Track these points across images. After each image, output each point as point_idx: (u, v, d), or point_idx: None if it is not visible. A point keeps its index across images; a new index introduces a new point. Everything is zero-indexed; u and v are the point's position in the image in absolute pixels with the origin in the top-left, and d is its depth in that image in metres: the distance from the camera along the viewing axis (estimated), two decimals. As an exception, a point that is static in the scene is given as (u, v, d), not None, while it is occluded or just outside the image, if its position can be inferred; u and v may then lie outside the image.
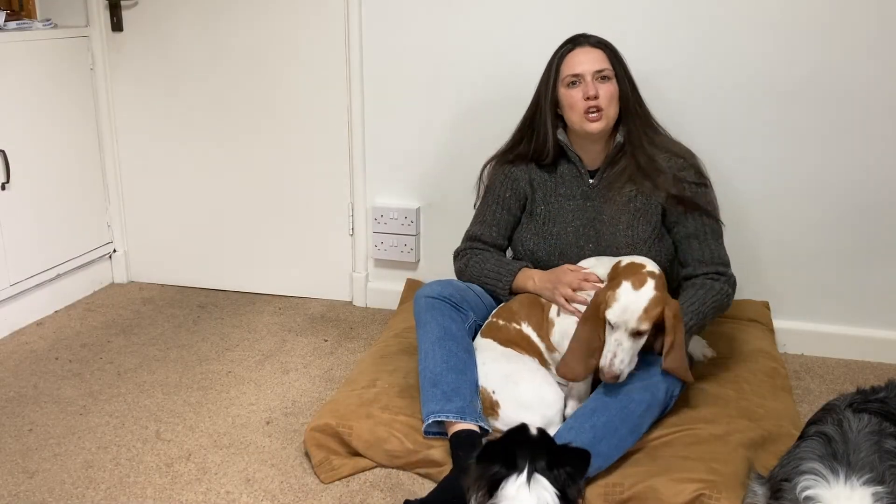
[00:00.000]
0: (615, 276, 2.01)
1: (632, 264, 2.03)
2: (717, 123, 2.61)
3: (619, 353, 1.93)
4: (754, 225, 2.68)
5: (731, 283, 2.18)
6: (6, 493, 1.97)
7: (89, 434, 2.23)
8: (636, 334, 1.93)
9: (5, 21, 2.84)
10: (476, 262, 2.32)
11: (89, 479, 2.03)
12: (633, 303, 1.92)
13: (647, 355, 2.01)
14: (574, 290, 2.09)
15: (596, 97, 2.13)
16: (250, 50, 2.99)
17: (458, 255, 2.39)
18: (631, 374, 1.96)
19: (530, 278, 2.21)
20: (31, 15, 3.07)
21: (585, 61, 2.15)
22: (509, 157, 2.33)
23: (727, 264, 2.20)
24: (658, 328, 1.97)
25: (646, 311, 1.92)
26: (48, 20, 3.03)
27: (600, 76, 2.15)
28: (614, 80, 2.17)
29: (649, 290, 1.94)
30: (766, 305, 2.72)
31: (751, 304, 2.71)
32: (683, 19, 2.57)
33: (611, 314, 1.93)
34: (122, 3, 3.05)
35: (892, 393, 1.70)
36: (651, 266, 2.02)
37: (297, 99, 2.99)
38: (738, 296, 2.28)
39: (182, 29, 3.03)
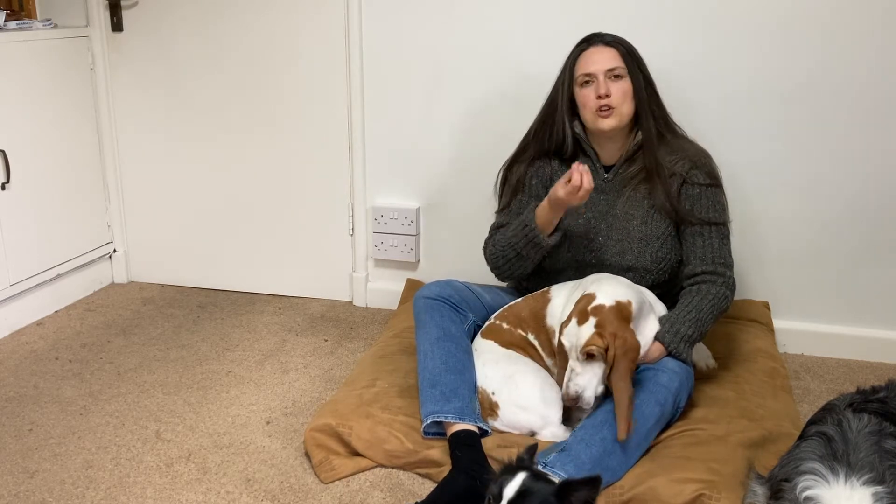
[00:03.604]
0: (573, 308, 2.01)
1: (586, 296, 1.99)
2: (718, 123, 2.61)
3: (572, 377, 1.94)
4: (754, 225, 2.67)
5: (730, 285, 2.15)
6: (6, 493, 1.97)
7: (89, 434, 2.23)
8: (588, 356, 1.92)
9: (5, 21, 2.84)
10: (499, 237, 2.30)
11: (89, 479, 2.03)
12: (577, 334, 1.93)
13: (657, 366, 2.02)
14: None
15: (607, 96, 2.14)
16: (250, 50, 2.99)
17: (486, 244, 2.37)
18: (640, 388, 1.95)
19: (539, 205, 2.19)
20: (31, 15, 3.07)
21: (598, 60, 2.17)
22: (530, 154, 2.32)
23: (728, 266, 2.18)
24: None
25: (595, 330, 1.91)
26: (48, 20, 3.03)
27: (612, 75, 2.16)
28: (627, 78, 2.18)
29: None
30: (766, 305, 2.72)
31: (751, 304, 2.71)
32: (687, 19, 2.57)
33: (563, 337, 1.97)
34: (122, 3, 3.05)
35: (892, 393, 1.70)
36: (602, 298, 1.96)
37: (297, 99, 2.99)
38: (738, 296, 2.28)
39: (182, 29, 3.03)
